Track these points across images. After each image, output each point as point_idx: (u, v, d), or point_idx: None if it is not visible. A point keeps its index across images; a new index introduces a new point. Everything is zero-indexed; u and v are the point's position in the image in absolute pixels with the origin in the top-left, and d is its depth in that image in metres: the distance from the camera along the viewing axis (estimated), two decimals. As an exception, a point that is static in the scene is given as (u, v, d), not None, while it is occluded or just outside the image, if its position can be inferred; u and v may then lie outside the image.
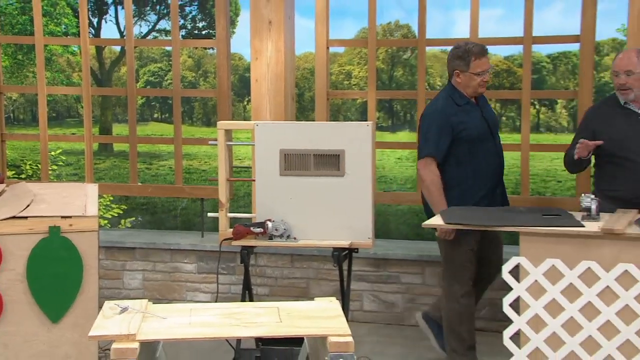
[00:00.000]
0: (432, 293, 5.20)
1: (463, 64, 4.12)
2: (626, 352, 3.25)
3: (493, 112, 4.40)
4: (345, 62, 36.60)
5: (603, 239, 3.28)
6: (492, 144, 4.20)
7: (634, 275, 3.21)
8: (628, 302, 3.22)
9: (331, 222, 3.94)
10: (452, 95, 4.20)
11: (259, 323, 2.64)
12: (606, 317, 3.26)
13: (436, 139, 4.10)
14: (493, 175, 4.19)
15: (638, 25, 4.63)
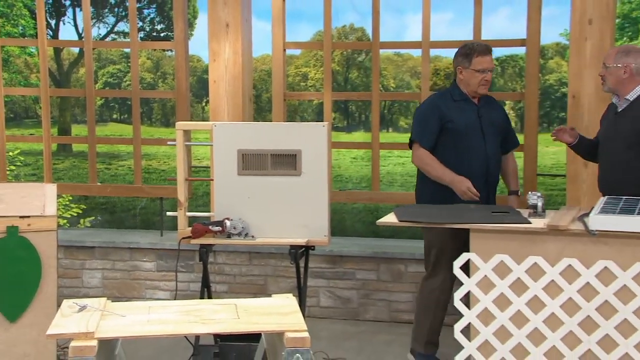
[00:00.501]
0: (386, 289, 5.24)
1: (466, 61, 4.15)
2: (570, 344, 3.31)
3: (500, 117, 4.31)
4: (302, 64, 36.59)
5: (548, 235, 3.34)
6: (481, 144, 4.14)
7: (577, 269, 3.28)
8: (571, 295, 3.29)
9: (288, 220, 3.94)
10: (451, 91, 4.26)
11: (217, 320, 2.63)
12: (551, 309, 3.32)
13: (423, 126, 4.17)
14: (477, 175, 4.10)
15: (580, 30, 4.72)
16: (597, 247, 3.26)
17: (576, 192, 4.75)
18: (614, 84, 3.88)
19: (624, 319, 3.22)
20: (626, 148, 3.80)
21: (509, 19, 41.78)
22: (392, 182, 21.27)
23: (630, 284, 3.20)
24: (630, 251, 3.21)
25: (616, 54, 3.89)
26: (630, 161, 3.79)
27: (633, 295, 3.20)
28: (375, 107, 5.49)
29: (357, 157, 25.86)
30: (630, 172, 3.78)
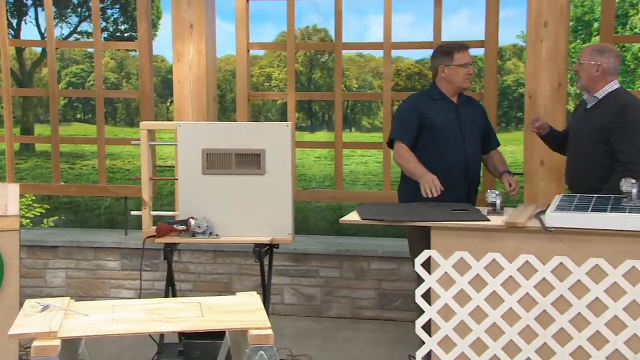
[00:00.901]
0: (349, 286, 5.25)
1: (447, 59, 4.13)
2: (527, 337, 3.35)
3: (480, 116, 4.28)
4: (266, 64, 36.50)
5: (506, 232, 3.37)
6: (459, 142, 4.12)
7: (534, 265, 3.32)
8: (528, 290, 3.33)
9: (252, 219, 3.93)
10: (430, 90, 4.24)
11: (181, 318, 2.61)
12: (509, 305, 3.36)
13: (403, 124, 4.16)
14: (457, 173, 4.09)
15: (536, 32, 4.78)
16: (552, 243, 3.31)
17: (533, 190, 4.82)
18: (586, 80, 3.91)
19: (578, 313, 3.27)
20: (590, 144, 3.86)
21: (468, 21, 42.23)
22: (355, 181, 21.34)
23: (584, 279, 3.25)
24: (584, 247, 3.26)
25: (591, 52, 3.91)
26: (593, 157, 3.84)
27: (587, 290, 3.26)
28: (338, 107, 5.50)
29: (320, 156, 25.90)
30: (592, 167, 3.83)
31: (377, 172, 21.93)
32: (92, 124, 26.35)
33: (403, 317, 5.10)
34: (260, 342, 2.44)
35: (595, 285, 3.24)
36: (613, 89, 3.88)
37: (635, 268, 3.18)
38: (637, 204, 3.31)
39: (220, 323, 2.57)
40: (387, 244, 5.47)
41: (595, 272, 3.24)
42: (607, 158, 3.80)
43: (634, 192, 3.35)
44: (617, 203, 3.36)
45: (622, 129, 3.75)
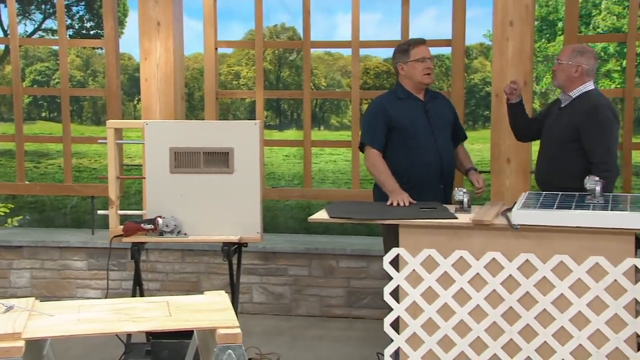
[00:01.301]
0: (318, 284, 5.26)
1: (404, 56, 4.10)
2: (493, 334, 3.39)
3: (447, 111, 4.25)
4: (234, 62, 36.35)
5: (474, 229, 3.41)
6: (431, 140, 4.09)
7: (500, 262, 3.36)
8: (495, 287, 3.36)
9: (221, 217, 3.92)
10: (395, 90, 4.20)
11: (148, 318, 2.59)
12: (476, 302, 3.39)
13: (371, 128, 4.12)
14: (432, 171, 4.07)
15: (502, 31, 4.83)
16: (519, 240, 3.35)
17: (500, 187, 4.87)
18: (564, 80, 3.94)
19: (544, 309, 3.31)
20: (562, 143, 3.90)
21: (435, 20, 42.48)
22: (324, 180, 21.35)
23: (550, 275, 3.30)
24: (549, 244, 3.30)
25: (571, 52, 3.94)
26: (564, 156, 3.88)
27: (552, 286, 3.30)
28: (306, 106, 5.50)
29: (289, 154, 25.85)
30: (563, 166, 3.87)
31: (346, 170, 21.96)
32: (58, 122, 26.00)
33: (372, 315, 5.12)
34: (228, 341, 2.43)
35: (560, 282, 3.29)
36: (587, 89, 3.91)
37: (598, 264, 3.24)
38: (600, 202, 3.37)
39: (188, 322, 2.56)
40: (356, 242, 5.48)
41: (560, 268, 3.29)
42: (578, 157, 3.83)
43: (598, 189, 3.40)
44: (581, 200, 3.42)
45: (592, 129, 3.79)
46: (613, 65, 23.32)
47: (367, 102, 5.76)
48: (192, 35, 6.41)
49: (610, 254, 3.23)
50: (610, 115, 3.83)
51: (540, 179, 4.08)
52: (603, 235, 3.23)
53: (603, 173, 3.70)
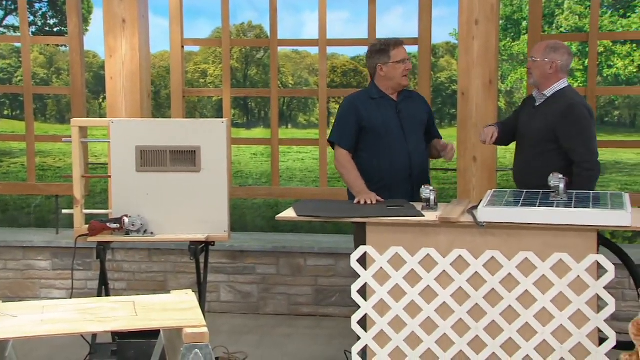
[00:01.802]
0: (286, 283, 5.26)
1: (384, 57, 4.06)
2: (459, 331, 3.41)
3: (421, 110, 4.21)
4: (201, 60, 36.17)
5: (440, 227, 3.43)
6: (401, 140, 4.07)
7: (466, 259, 3.38)
8: (461, 284, 3.39)
9: (188, 216, 3.90)
10: (369, 90, 4.16)
11: (114, 317, 2.57)
12: (443, 299, 3.42)
13: (341, 126, 4.10)
14: (400, 171, 4.05)
15: (467, 30, 4.88)
16: (484, 238, 3.38)
17: (466, 185, 4.92)
18: (539, 77, 3.93)
19: (509, 306, 3.35)
20: (537, 143, 3.91)
21: (402, 19, 42.75)
22: (292, 178, 21.35)
23: (515, 272, 3.33)
24: (514, 241, 3.34)
25: (545, 49, 3.93)
26: (540, 155, 3.90)
27: (517, 283, 3.34)
28: (274, 104, 5.49)
29: (257, 153, 25.82)
30: (539, 165, 3.86)
31: (314, 168, 21.99)
32: (21, 120, 25.63)
33: (339, 313, 5.14)
34: (195, 341, 2.42)
35: (524, 279, 3.33)
36: (561, 87, 3.92)
37: (562, 261, 3.28)
38: (564, 199, 3.41)
39: (154, 322, 2.54)
40: (324, 240, 5.49)
41: (525, 265, 3.33)
42: (555, 157, 3.85)
43: (561, 187, 3.44)
44: (545, 198, 3.46)
45: (570, 129, 3.80)
46: (575, 64, 23.68)
47: (334, 100, 5.77)
48: (158, 33, 6.36)
49: (573, 251, 3.28)
50: (586, 113, 3.85)
51: (518, 179, 4.07)
52: (567, 232, 3.28)
53: (586, 172, 3.75)
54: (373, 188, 3.99)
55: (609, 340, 3.27)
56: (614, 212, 3.22)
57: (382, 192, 3.93)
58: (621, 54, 23.48)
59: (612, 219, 3.22)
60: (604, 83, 23.90)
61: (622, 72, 23.53)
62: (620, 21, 23.28)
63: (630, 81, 23.78)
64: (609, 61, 23.56)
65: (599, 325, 3.28)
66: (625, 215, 3.18)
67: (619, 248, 3.75)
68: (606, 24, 22.82)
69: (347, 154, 4.07)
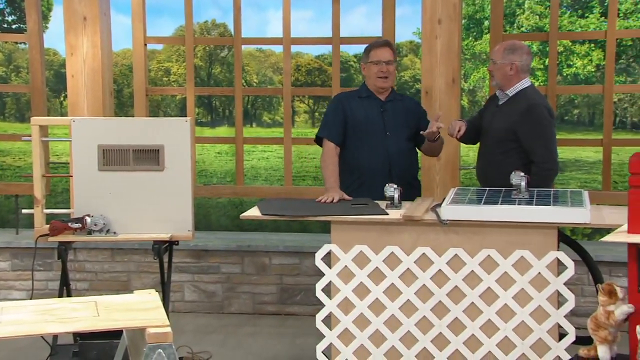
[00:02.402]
0: (251, 282, 5.24)
1: (366, 56, 4.16)
2: (423, 328, 3.44)
3: (410, 113, 4.19)
4: (164, 59, 35.87)
5: (404, 225, 3.45)
6: (382, 141, 4.09)
7: (430, 257, 3.41)
8: (425, 282, 3.42)
9: (151, 215, 3.87)
10: (360, 89, 4.26)
11: (75, 318, 2.53)
12: (406, 297, 3.43)
13: (329, 122, 4.16)
14: (380, 172, 4.04)
15: (430, 29, 4.92)
16: (448, 236, 3.41)
17: (430, 183, 4.95)
18: (501, 79, 4.00)
19: (471, 303, 3.39)
20: (499, 142, 3.97)
21: (366, 18, 42.90)
22: (257, 176, 21.30)
23: (477, 269, 3.37)
24: (477, 239, 3.38)
25: (503, 51, 3.98)
26: (501, 154, 3.96)
27: (479, 280, 3.38)
28: (238, 102, 5.47)
29: (221, 151, 25.71)
30: (501, 164, 3.91)
31: (279, 167, 21.95)
32: (-20, 118, 25.12)
33: (304, 312, 5.14)
34: (158, 340, 2.40)
35: (487, 276, 3.36)
36: (524, 86, 3.98)
37: (524, 258, 3.32)
38: (525, 196, 3.46)
39: (116, 322, 2.52)
40: (288, 239, 5.49)
41: (487, 262, 3.37)
42: (517, 155, 3.90)
43: (523, 184, 3.49)
44: (507, 195, 3.50)
45: (530, 130, 3.85)
46: (536, 64, 24.01)
47: (299, 99, 5.74)
48: (120, 31, 6.30)
49: (534, 248, 3.32)
50: (546, 114, 3.90)
51: (481, 177, 4.13)
52: (528, 230, 3.32)
53: (545, 172, 3.80)
54: (355, 185, 4.06)
55: (568, 335, 3.33)
56: (573, 210, 3.27)
57: (361, 190, 3.98)
58: (580, 54, 23.89)
59: (572, 216, 3.27)
60: (563, 82, 24.28)
61: (581, 72, 23.94)
62: (578, 21, 23.68)
63: (588, 80, 24.19)
64: (568, 60, 23.95)
65: (559, 321, 3.33)
66: (585, 213, 3.24)
67: (578, 245, 3.80)
68: (565, 24, 23.19)
69: (333, 149, 4.12)
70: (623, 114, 31.94)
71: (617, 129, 28.59)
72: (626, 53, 24.94)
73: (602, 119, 5.40)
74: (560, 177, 20.83)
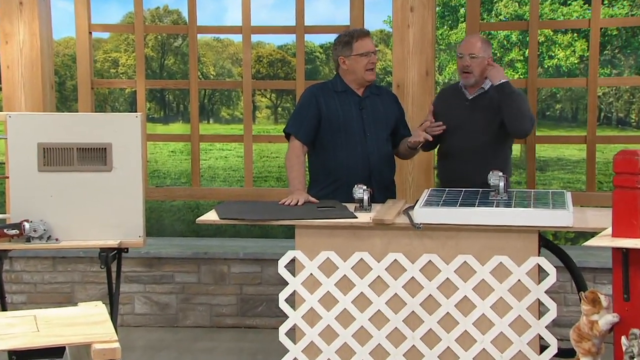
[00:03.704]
0: (208, 292, 5.22)
1: (346, 49, 4.09)
2: (395, 341, 3.46)
3: (390, 109, 4.22)
4: (111, 48, 35.59)
5: (374, 229, 3.46)
6: (361, 139, 4.08)
7: (402, 264, 3.43)
8: (397, 291, 3.43)
9: (98, 220, 3.84)
10: (333, 81, 4.19)
11: (12, 334, 2.50)
12: (377, 307, 3.45)
13: (299, 117, 4.11)
14: (358, 173, 4.02)
15: (402, 17, 4.95)
16: (421, 240, 3.43)
17: (402, 185, 4.97)
18: (479, 74, 4.13)
19: (447, 313, 3.41)
20: (481, 134, 4.12)
21: (333, 4, 43.01)
22: (214, 177, 21.25)
23: (453, 277, 3.39)
24: (453, 244, 3.40)
25: (482, 45, 4.14)
26: (484, 146, 4.11)
27: (455, 289, 3.40)
28: (194, 96, 5.45)
29: (175, 150, 25.61)
30: (485, 157, 4.05)
31: (238, 167, 21.93)
32: None
33: (266, 324, 5.13)
34: (105, 357, 2.39)
35: (463, 284, 3.39)
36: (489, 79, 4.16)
37: (502, 264, 3.36)
38: (504, 198, 3.49)
39: (59, 338, 2.49)
40: (249, 245, 5.48)
41: (463, 269, 3.40)
42: (504, 148, 4.17)
43: (501, 185, 3.53)
44: (485, 197, 3.54)
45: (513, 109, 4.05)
46: (516, 55, 24.33)
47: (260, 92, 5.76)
48: (62, 18, 6.24)
49: (514, 253, 3.36)
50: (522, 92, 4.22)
51: (454, 178, 4.18)
52: (507, 234, 3.36)
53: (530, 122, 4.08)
54: (330, 188, 4.04)
55: (550, 347, 3.37)
56: (555, 212, 3.32)
57: (336, 194, 3.96)
58: (562, 44, 24.23)
59: (554, 219, 3.31)
60: (545, 75, 24.61)
61: (564, 63, 24.28)
62: (560, 9, 24.01)
63: (572, 73, 24.55)
64: (550, 51, 24.28)
65: (540, 332, 3.37)
66: (567, 215, 3.28)
67: (560, 250, 3.86)
68: (546, 11, 23.50)
69: (301, 148, 4.08)
70: (608, 108, 32.48)
71: (602, 125, 29.09)
72: (611, 43, 25.37)
73: (585, 115, 5.48)
74: (542, 178, 21.12)
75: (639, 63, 26.65)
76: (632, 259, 2.87)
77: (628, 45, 25.40)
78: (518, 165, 19.28)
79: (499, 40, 24.47)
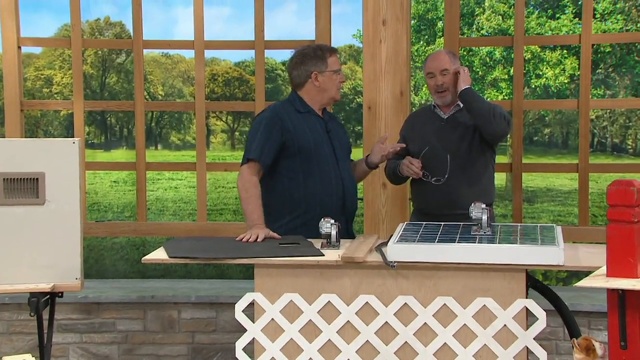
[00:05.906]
0: (155, 341, 5.18)
1: (321, 64, 4.11)
2: (369, 393, 3.46)
3: (345, 135, 4.39)
4: (44, 65, 35.42)
5: (343, 268, 3.46)
6: (333, 164, 4.15)
7: (375, 307, 3.43)
8: (369, 337, 3.43)
9: (28, 261, 3.81)
10: (293, 101, 4.18)
11: None
12: (346, 356, 3.44)
13: (262, 141, 4.05)
14: (332, 202, 4.10)
15: (373, 31, 4.99)
16: (396, 281, 3.43)
17: (374, 217, 4.99)
18: (454, 89, 4.29)
19: (426, 362, 3.42)
20: (463, 152, 4.28)
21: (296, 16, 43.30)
22: (163, 210, 21.15)
23: (431, 321, 3.40)
24: (431, 284, 3.41)
25: (450, 58, 4.32)
26: (467, 165, 4.28)
27: (434, 335, 3.40)
28: (139, 119, 5.44)
29: (118, 180, 25.48)
30: (470, 178, 4.25)
31: (190, 199, 21.86)
32: None
33: (222, 377, 5.11)
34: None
35: (443, 329, 3.40)
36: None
37: (486, 307, 3.37)
38: (487, 233, 3.52)
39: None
40: (202, 287, 5.46)
41: (443, 313, 3.40)
42: (488, 166, 4.34)
43: (484, 218, 3.55)
44: (466, 232, 3.56)
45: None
46: (500, 73, 24.60)
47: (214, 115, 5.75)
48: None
49: (499, 295, 3.37)
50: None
51: (441, 205, 4.30)
52: (491, 273, 3.37)
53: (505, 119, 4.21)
54: (300, 221, 4.06)
55: (541, 400, 3.38)
56: (544, 249, 3.33)
57: (309, 226, 3.94)
58: (551, 62, 24.57)
59: (543, 257, 3.33)
60: (532, 96, 24.94)
61: (553, 83, 24.60)
62: (548, 23, 24.41)
63: (561, 93, 24.89)
64: (537, 70, 24.61)
65: (530, 383, 3.38)
66: (558, 252, 3.30)
67: (551, 291, 3.88)
68: (533, 25, 23.89)
69: (258, 175, 4.06)
70: (602, 133, 33.01)
71: (595, 152, 29.56)
72: (604, 61, 25.81)
73: (577, 140, 5.55)
74: (530, 210, 21.33)
75: (634, 83, 27.07)
76: (629, 302, 2.88)
77: (623, 64, 25.83)
78: (503, 196, 19.47)
79: (481, 57, 24.74)
